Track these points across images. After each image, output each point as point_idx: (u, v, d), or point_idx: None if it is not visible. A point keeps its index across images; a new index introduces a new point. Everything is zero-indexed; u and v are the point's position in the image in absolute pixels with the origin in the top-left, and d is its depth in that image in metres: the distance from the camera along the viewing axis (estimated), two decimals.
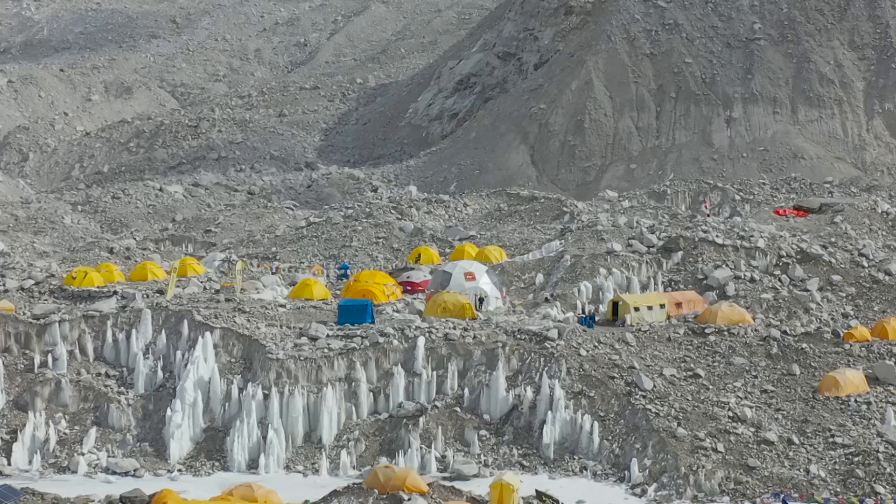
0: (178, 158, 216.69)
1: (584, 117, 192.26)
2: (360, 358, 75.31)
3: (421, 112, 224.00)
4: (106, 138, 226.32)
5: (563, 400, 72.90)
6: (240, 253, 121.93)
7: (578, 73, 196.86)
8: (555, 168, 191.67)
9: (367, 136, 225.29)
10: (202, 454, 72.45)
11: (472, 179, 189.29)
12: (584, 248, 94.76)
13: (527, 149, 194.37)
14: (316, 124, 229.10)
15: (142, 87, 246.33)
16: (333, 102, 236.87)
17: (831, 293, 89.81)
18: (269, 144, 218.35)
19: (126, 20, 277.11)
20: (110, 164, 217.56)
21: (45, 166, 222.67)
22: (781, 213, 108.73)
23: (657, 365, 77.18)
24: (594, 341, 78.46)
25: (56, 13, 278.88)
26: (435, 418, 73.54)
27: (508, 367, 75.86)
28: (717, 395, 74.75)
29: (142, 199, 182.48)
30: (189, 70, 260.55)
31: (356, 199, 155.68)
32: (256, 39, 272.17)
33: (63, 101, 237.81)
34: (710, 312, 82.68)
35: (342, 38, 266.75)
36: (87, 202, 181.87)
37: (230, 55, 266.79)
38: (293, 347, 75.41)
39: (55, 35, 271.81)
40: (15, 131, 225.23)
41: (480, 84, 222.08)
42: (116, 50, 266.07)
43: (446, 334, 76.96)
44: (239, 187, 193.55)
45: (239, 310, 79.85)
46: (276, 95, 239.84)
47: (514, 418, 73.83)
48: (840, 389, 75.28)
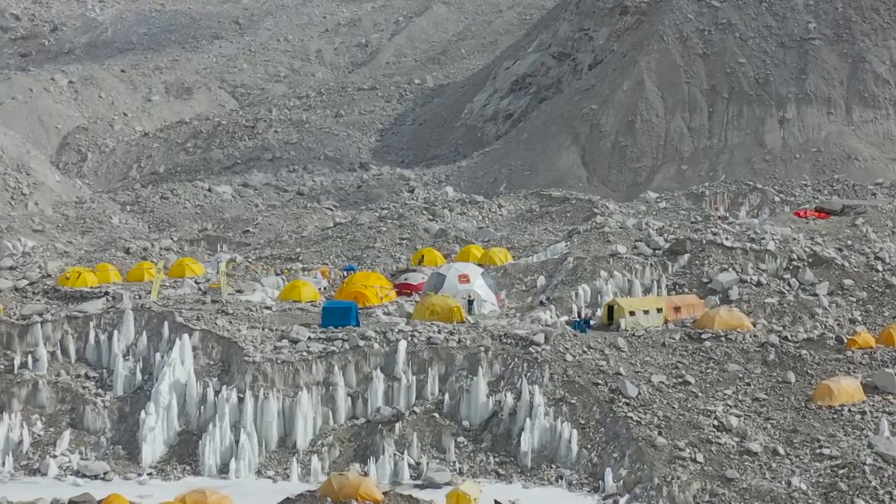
0: (233, 159, 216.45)
1: (636, 118, 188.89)
2: (340, 361, 73.39)
3: (476, 113, 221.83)
4: (164, 139, 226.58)
5: (543, 407, 70.35)
6: (265, 254, 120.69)
7: (630, 74, 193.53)
8: (605, 169, 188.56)
9: (422, 137, 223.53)
10: (174, 458, 70.78)
11: (521, 180, 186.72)
12: (589, 250, 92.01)
13: (577, 150, 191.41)
14: (372, 125, 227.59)
15: (202, 88, 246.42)
16: (391, 103, 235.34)
17: (841, 298, 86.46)
18: (324, 145, 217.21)
19: (189, 21, 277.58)
20: (166, 164, 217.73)
21: (103, 166, 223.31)
22: (802, 216, 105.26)
23: (647, 371, 74.45)
24: (583, 346, 75.90)
25: (120, 14, 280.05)
26: (412, 424, 71.40)
27: (491, 372, 73.56)
28: (704, 403, 71.92)
29: (190, 199, 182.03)
30: (250, 71, 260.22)
31: (392, 199, 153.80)
32: (318, 40, 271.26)
33: (123, 101, 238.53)
34: (708, 317, 79.77)
35: (403, 39, 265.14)
36: (135, 202, 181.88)
37: (291, 56, 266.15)
38: (272, 350, 73.63)
39: (119, 36, 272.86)
40: (74, 132, 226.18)
41: (535, 84, 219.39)
42: (179, 51, 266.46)
43: (429, 338, 74.80)
44: (289, 188, 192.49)
45: (222, 312, 78.22)
46: (334, 96, 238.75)
47: (494, 425, 71.50)
48: (834, 398, 72.10)
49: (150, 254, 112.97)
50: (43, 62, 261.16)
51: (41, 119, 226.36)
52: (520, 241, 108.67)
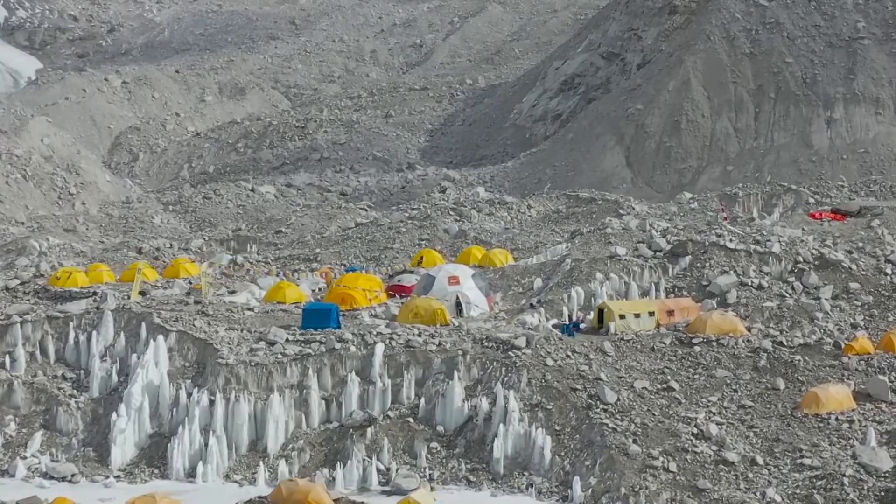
0: (281, 159, 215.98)
1: (681, 118, 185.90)
2: (315, 364, 71.72)
3: (525, 113, 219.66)
4: (215, 139, 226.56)
5: (518, 412, 68.24)
6: (284, 254, 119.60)
7: (676, 73, 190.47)
8: (650, 170, 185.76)
9: (471, 138, 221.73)
10: (143, 461, 69.51)
11: (566, 181, 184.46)
12: (588, 251, 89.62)
13: (622, 150, 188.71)
14: (421, 125, 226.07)
15: (255, 88, 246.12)
16: (441, 103, 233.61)
17: (846, 301, 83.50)
18: (373, 145, 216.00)
19: (246, 22, 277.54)
20: (216, 164, 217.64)
21: (154, 166, 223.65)
22: (817, 217, 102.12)
23: (631, 376, 72.10)
24: (568, 350, 73.68)
25: (177, 15, 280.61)
26: (385, 429, 69.62)
27: (469, 376, 71.59)
28: (686, 410, 69.47)
29: (232, 199, 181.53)
30: (304, 71, 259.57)
31: (422, 200, 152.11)
32: (373, 41, 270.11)
33: (176, 101, 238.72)
34: (700, 321, 77.21)
35: (457, 39, 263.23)
36: (177, 202, 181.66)
37: (346, 56, 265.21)
38: (248, 352, 72.10)
39: (175, 37, 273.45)
40: (126, 132, 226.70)
41: (584, 84, 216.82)
42: (235, 51, 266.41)
43: (408, 341, 72.94)
44: (332, 188, 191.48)
45: (202, 313, 76.84)
46: (385, 96, 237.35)
47: (469, 431, 69.54)
48: (821, 406, 69.36)
49: (162, 254, 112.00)
50: (100, 63, 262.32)
51: (94, 119, 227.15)
52: (524, 243, 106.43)
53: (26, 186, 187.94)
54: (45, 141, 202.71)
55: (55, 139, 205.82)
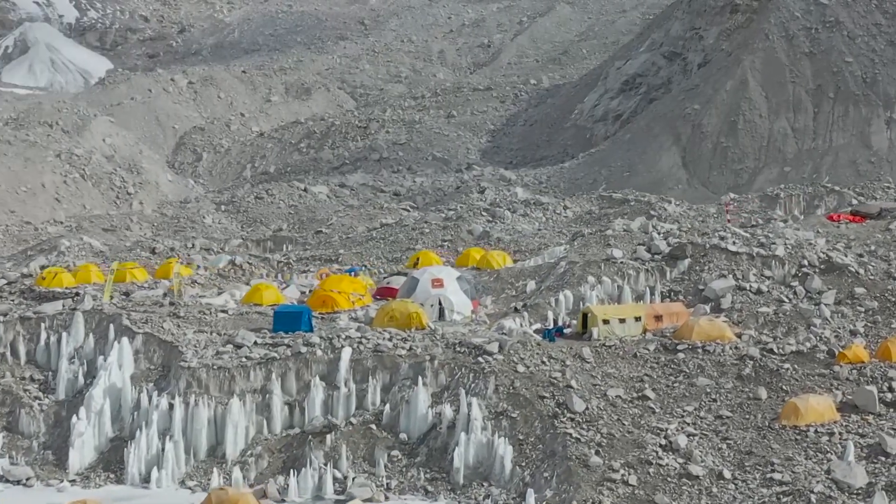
0: (342, 159, 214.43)
1: (738, 118, 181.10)
2: (280, 369, 69.40)
3: (586, 113, 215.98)
4: (278, 139, 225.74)
5: (481, 420, 65.32)
6: (307, 255, 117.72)
7: (734, 73, 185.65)
8: (706, 170, 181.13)
9: (532, 138, 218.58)
10: (101, 465, 67.67)
11: (620, 182, 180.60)
12: (585, 254, 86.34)
13: (678, 151, 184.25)
14: (483, 125, 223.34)
15: (321, 89, 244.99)
16: (504, 104, 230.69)
17: (849, 307, 79.37)
18: (433, 146, 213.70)
19: (315, 22, 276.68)
20: (277, 164, 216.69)
21: (217, 166, 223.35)
22: (835, 219, 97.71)
23: (606, 384, 68.85)
24: (544, 356, 70.59)
25: (247, 16, 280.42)
26: (346, 435, 67.11)
27: (436, 382, 68.83)
28: (658, 420, 66.07)
29: (285, 199, 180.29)
30: (371, 71, 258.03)
31: (460, 201, 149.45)
32: (441, 41, 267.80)
33: (242, 102, 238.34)
34: (687, 327, 73.71)
35: (525, 39, 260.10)
36: (230, 202, 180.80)
37: (414, 56, 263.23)
38: (214, 355, 69.95)
39: (245, 37, 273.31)
40: (191, 132, 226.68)
41: (646, 84, 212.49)
42: (304, 51, 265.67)
43: (377, 345, 70.32)
44: (386, 188, 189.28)
45: (174, 315, 74.87)
46: (449, 97, 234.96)
47: (432, 439, 66.72)
48: (800, 418, 65.61)
49: (177, 253, 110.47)
50: (170, 63, 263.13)
51: (158, 119, 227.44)
52: (528, 245, 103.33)
53: (84, 186, 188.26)
54: (106, 141, 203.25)
55: (117, 139, 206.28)
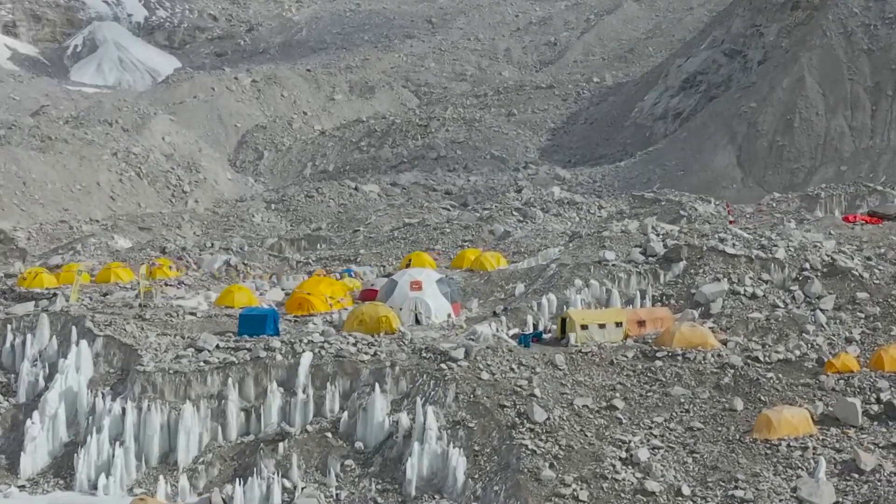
0: (400, 157, 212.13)
1: (795, 116, 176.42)
2: (238, 374, 66.74)
3: (646, 111, 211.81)
4: (339, 137, 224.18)
5: (435, 430, 62.10)
6: (326, 255, 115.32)
7: (791, 70, 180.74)
8: (761, 169, 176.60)
9: (591, 137, 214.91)
10: (52, 471, 65.52)
11: (675, 181, 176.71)
12: (578, 256, 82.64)
13: (734, 149, 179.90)
14: (544, 124, 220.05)
15: (385, 87, 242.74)
16: (566, 102, 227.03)
17: (849, 313, 74.90)
18: (492, 144, 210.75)
19: (383, 21, 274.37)
20: (337, 162, 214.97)
21: (278, 165, 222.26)
22: (851, 220, 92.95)
23: (575, 393, 65.27)
24: (514, 363, 67.15)
25: (316, 14, 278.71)
26: (300, 444, 64.23)
27: (396, 389, 65.68)
28: (624, 432, 62.36)
29: (335, 197, 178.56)
30: (437, 69, 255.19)
31: (495, 199, 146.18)
32: (508, 39, 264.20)
33: (305, 100, 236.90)
34: (668, 333, 69.87)
35: (592, 37, 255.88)
36: (280, 200, 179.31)
37: (480, 55, 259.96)
38: (173, 359, 67.49)
39: (313, 36, 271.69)
40: (252, 130, 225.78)
41: (706, 82, 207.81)
42: (371, 50, 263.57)
43: (339, 350, 67.41)
44: (438, 187, 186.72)
45: (140, 317, 72.54)
46: (511, 95, 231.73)
47: (387, 448, 63.58)
48: (773, 431, 61.57)
49: (187, 253, 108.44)
50: (237, 62, 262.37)
51: (221, 118, 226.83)
52: (529, 246, 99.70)
53: (140, 184, 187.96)
54: (166, 139, 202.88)
55: (177, 137, 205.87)
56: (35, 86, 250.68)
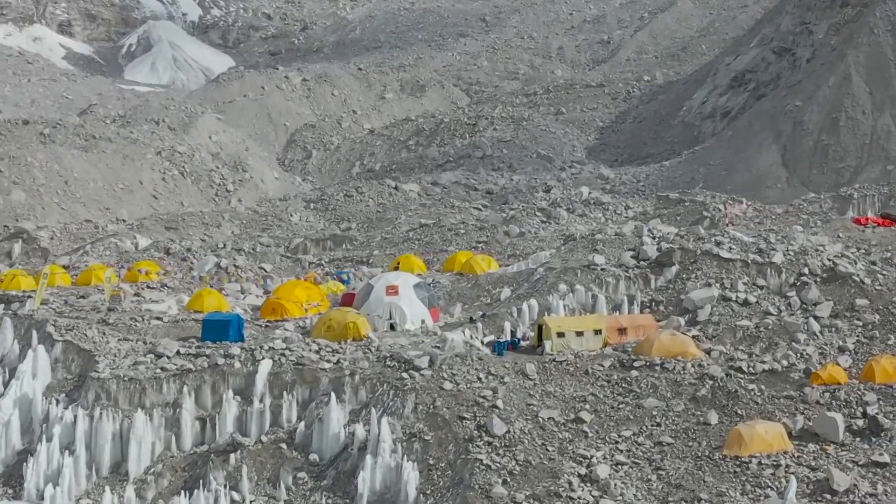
0: (446, 156, 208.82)
1: (840, 115, 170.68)
2: (194, 381, 63.83)
3: (695, 110, 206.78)
4: (387, 136, 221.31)
5: (389, 443, 58.78)
6: (339, 256, 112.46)
7: (837, 68, 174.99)
8: (806, 169, 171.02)
9: (639, 135, 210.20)
10: (2, 479, 63.02)
11: (718, 180, 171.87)
12: (567, 259, 78.80)
13: (778, 148, 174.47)
14: (592, 123, 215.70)
15: (435, 86, 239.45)
16: (616, 101, 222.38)
17: (846, 321, 70.53)
18: (538, 143, 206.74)
19: (437, 19, 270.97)
20: (384, 161, 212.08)
21: (327, 163, 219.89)
22: (862, 223, 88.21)
23: (543, 404, 61.64)
24: (482, 372, 63.65)
25: (370, 13, 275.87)
26: (254, 455, 61.21)
27: (356, 399, 62.46)
28: (588, 447, 58.63)
29: (374, 197, 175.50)
30: (489, 68, 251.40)
31: (523, 199, 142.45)
32: (562, 37, 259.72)
33: (356, 99, 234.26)
34: (647, 342, 65.99)
35: (645, 35, 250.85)
36: (319, 200, 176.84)
37: (533, 53, 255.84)
38: (130, 366, 64.73)
39: (367, 34, 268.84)
40: (301, 129, 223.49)
41: (755, 80, 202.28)
42: (424, 48, 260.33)
43: (300, 358, 64.27)
44: (479, 187, 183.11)
45: (104, 322, 69.88)
46: (561, 94, 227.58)
47: (342, 460, 60.35)
48: (744, 447, 57.55)
49: (192, 255, 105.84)
50: (291, 60, 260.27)
51: (270, 116, 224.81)
52: (526, 249, 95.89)
53: (183, 183, 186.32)
54: (212, 138, 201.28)
55: (223, 136, 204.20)
56: (88, 85, 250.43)
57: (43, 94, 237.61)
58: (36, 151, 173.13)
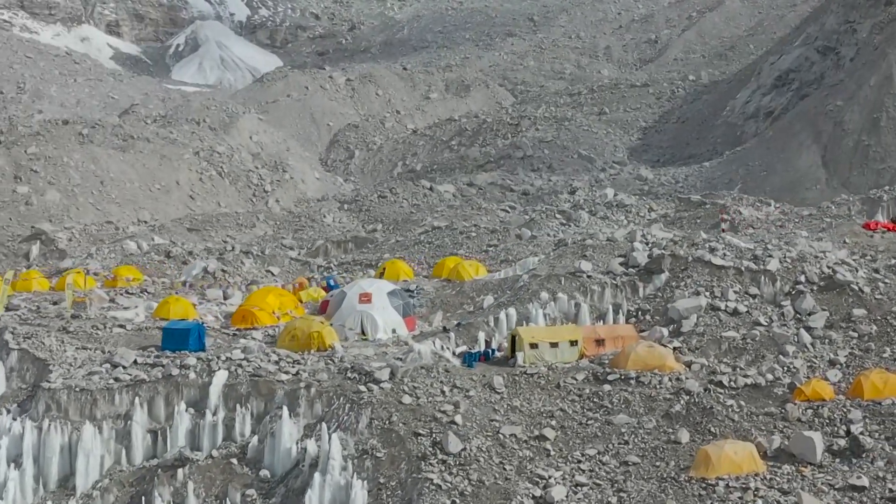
0: (487, 157, 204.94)
1: (882, 115, 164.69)
2: (148, 392, 60.74)
3: (738, 110, 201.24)
4: (430, 136, 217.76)
5: (340, 460, 55.35)
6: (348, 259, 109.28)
7: (879, 68, 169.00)
8: (846, 170, 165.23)
9: (682, 136, 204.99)
10: None
11: (757, 182, 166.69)
12: (554, 266, 74.87)
13: (818, 149, 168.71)
14: (635, 123, 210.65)
15: (480, 86, 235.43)
16: (660, 101, 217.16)
17: (841, 332, 66.20)
18: (580, 143, 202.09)
19: (485, 19, 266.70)
20: (425, 162, 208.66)
21: (369, 164, 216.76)
22: (872, 227, 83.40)
23: (508, 420, 57.93)
24: (446, 385, 60.08)
25: (418, 13, 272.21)
26: (204, 470, 58.01)
27: (311, 413, 59.10)
28: (548, 466, 54.87)
29: (408, 198, 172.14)
30: (535, 68, 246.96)
31: (547, 202, 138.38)
32: (609, 37, 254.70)
33: (400, 99, 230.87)
34: (623, 355, 62.05)
35: (693, 35, 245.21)
36: (353, 201, 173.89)
37: (580, 53, 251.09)
38: (85, 376, 61.81)
39: (414, 34, 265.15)
40: (344, 129, 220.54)
41: (798, 80, 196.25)
42: (472, 48, 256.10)
43: (257, 369, 61.02)
44: (515, 187, 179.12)
45: (64, 329, 67.01)
46: (605, 93, 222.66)
47: (293, 477, 57.00)
48: (711, 469, 53.50)
49: (193, 258, 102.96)
50: (338, 60, 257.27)
51: (313, 116, 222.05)
52: (520, 254, 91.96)
53: (221, 183, 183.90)
54: (253, 138, 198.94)
55: (264, 136, 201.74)
56: (134, 85, 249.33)
57: (89, 94, 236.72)
58: (72, 152, 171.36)
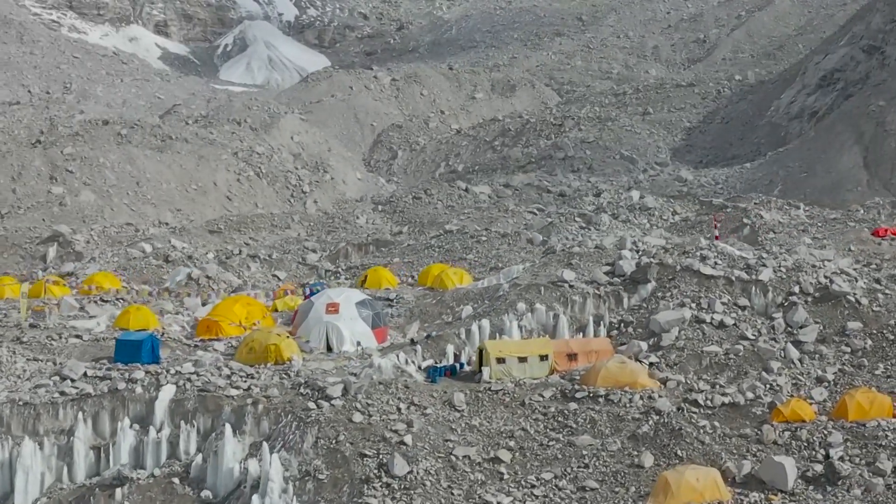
0: (529, 157, 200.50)
1: None
2: (92, 407, 57.44)
3: (782, 110, 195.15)
4: (473, 136, 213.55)
5: (279, 482, 51.72)
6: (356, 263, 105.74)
7: None
8: (888, 172, 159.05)
9: (726, 136, 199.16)
10: None
11: (797, 183, 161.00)
12: (537, 275, 70.68)
13: (860, 150, 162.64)
14: (679, 123, 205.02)
15: (526, 86, 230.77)
16: (705, 101, 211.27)
17: (833, 346, 61.62)
18: (622, 144, 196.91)
19: (533, 18, 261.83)
20: (467, 163, 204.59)
21: (412, 164, 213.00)
22: (881, 234, 78.34)
23: (461, 441, 53.96)
24: (402, 402, 56.25)
25: (466, 12, 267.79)
26: (143, 490, 54.57)
27: (258, 430, 55.51)
28: (498, 491, 50.88)
29: (443, 199, 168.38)
30: (582, 67, 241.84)
31: (572, 204, 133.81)
32: (657, 36, 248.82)
33: (445, 99, 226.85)
34: (593, 371, 57.85)
35: (741, 34, 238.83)
36: (388, 202, 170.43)
37: (628, 52, 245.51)
38: (31, 389, 58.67)
39: (462, 34, 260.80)
40: (388, 129, 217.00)
41: (843, 80, 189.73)
42: (520, 48, 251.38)
43: (206, 383, 57.53)
44: (552, 189, 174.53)
45: (18, 340, 63.92)
46: (650, 93, 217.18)
47: (234, 499, 53.42)
48: (670, 496, 49.24)
49: (193, 262, 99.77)
50: (386, 60, 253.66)
51: (357, 117, 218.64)
52: (511, 261, 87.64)
53: (258, 184, 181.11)
54: (294, 138, 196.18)
55: (306, 136, 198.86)
56: (181, 85, 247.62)
57: (135, 95, 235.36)
58: (109, 152, 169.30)
